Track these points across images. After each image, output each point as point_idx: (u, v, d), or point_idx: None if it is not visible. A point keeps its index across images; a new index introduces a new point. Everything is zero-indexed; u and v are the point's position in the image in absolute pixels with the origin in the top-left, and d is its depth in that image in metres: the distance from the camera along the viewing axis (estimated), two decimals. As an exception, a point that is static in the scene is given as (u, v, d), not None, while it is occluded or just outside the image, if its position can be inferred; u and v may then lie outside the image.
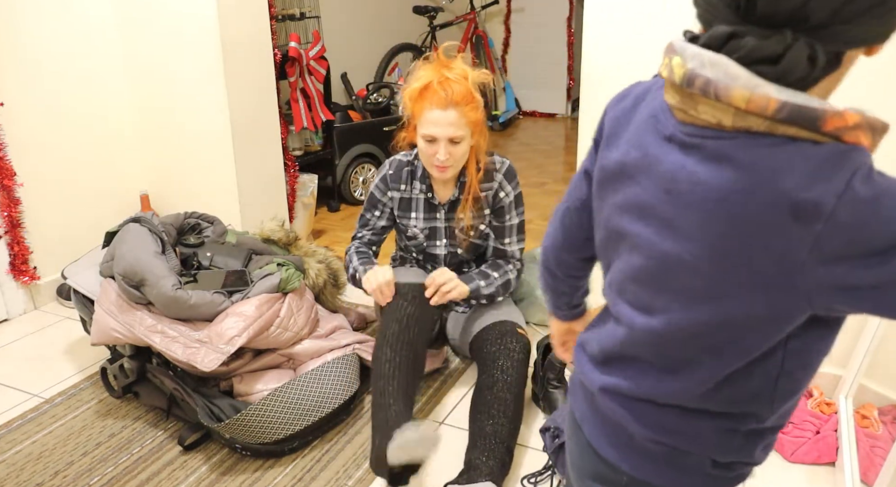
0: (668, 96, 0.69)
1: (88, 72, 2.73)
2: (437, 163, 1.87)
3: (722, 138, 0.64)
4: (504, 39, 6.07)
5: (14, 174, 2.49)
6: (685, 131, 0.67)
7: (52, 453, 1.84)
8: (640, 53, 1.97)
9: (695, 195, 0.66)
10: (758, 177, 0.62)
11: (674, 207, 0.68)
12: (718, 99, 0.62)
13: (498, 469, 1.60)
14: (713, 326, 0.70)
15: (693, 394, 0.75)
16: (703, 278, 0.68)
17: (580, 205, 0.94)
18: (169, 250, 2.00)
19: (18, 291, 2.61)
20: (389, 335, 1.81)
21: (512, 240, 2.08)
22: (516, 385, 1.76)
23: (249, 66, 2.75)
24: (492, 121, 5.67)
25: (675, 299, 0.71)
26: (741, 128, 0.63)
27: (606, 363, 0.84)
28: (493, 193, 2.02)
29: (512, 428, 1.69)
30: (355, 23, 4.70)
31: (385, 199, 2.07)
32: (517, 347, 1.84)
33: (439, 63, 1.87)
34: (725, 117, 0.63)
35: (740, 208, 0.63)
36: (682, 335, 0.72)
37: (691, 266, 0.68)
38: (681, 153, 0.67)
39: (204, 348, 1.80)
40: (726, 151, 0.64)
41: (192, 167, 2.89)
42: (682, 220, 0.68)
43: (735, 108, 0.62)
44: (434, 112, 1.82)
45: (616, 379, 0.81)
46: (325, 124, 3.63)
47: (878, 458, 1.64)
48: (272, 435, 1.75)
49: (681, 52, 0.66)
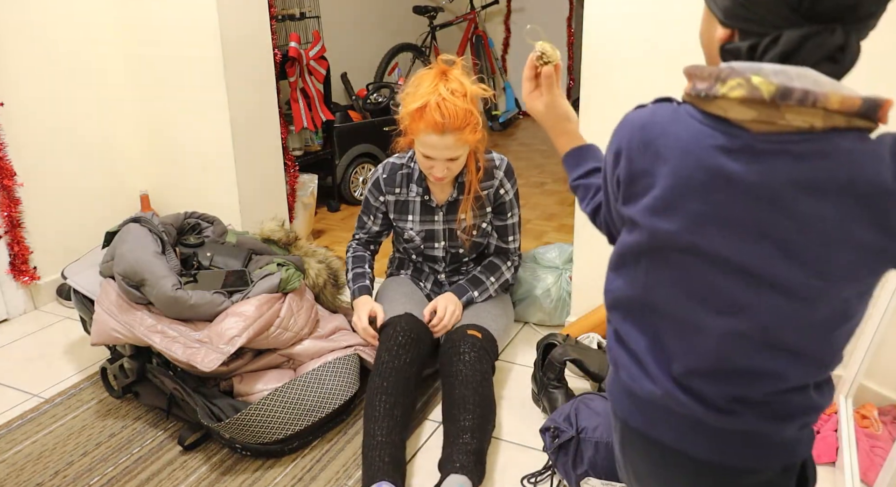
0: (737, 112, 0.74)
1: (89, 72, 2.73)
2: (434, 176, 1.88)
3: (811, 140, 0.72)
4: (504, 39, 6.06)
5: (14, 174, 2.49)
6: (767, 140, 0.73)
7: (52, 453, 1.84)
8: (640, 53, 1.97)
9: (798, 192, 0.72)
10: (857, 165, 0.71)
11: (771, 210, 0.74)
12: (815, 105, 0.70)
13: (469, 461, 1.60)
14: (830, 311, 0.77)
15: (807, 374, 0.80)
16: (814, 267, 0.74)
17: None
18: (169, 250, 2.00)
19: (18, 291, 2.61)
20: (381, 365, 1.81)
21: (515, 237, 2.11)
22: (472, 380, 1.76)
23: (249, 66, 2.75)
24: (492, 121, 5.66)
25: (785, 295, 0.76)
26: (829, 127, 0.71)
27: (710, 378, 0.82)
28: (494, 191, 2.02)
29: (478, 422, 1.69)
30: (355, 23, 4.69)
31: (378, 204, 2.07)
32: (465, 348, 1.84)
33: (439, 73, 1.82)
34: (816, 120, 0.71)
35: (850, 194, 0.71)
36: (795, 325, 0.77)
37: (800, 259, 0.74)
38: (764, 162, 0.73)
39: (204, 348, 1.80)
40: (822, 149, 0.72)
41: (192, 167, 2.89)
42: (784, 220, 0.74)
43: (825, 111, 0.70)
44: (431, 136, 1.79)
45: (736, 389, 0.81)
46: (325, 124, 3.63)
47: (878, 458, 1.64)
48: (272, 435, 1.75)
49: (757, 72, 0.71)
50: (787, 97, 0.70)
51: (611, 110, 2.05)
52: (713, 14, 0.80)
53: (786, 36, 0.71)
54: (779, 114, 0.72)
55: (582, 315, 2.30)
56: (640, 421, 0.90)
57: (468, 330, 1.90)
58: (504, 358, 2.25)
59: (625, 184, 0.84)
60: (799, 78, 0.70)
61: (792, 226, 0.74)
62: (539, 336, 2.31)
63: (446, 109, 1.76)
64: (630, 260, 0.87)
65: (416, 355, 1.86)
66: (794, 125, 0.72)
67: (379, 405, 1.72)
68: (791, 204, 0.73)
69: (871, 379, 1.87)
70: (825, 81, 0.70)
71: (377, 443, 1.65)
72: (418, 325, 1.92)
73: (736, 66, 0.73)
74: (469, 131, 1.81)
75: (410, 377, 1.81)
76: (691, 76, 0.78)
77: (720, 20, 0.79)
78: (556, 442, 1.63)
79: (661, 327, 0.85)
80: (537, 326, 2.46)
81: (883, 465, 1.50)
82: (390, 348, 1.84)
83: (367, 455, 1.64)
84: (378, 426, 1.69)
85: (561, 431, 1.63)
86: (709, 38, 0.83)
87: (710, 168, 0.75)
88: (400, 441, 1.69)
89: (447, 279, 2.16)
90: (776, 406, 0.81)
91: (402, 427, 1.73)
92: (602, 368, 1.89)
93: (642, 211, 0.82)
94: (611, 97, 2.04)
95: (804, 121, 0.71)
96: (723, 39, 0.79)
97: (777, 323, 0.77)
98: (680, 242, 0.79)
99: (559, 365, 1.90)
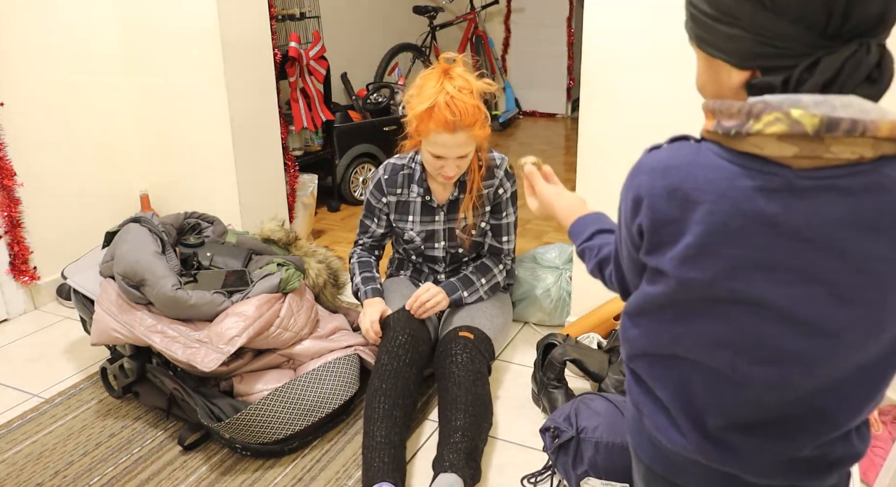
0: (775, 149, 0.68)
1: (89, 72, 2.73)
2: (444, 175, 1.89)
3: (860, 172, 0.67)
4: (504, 39, 6.06)
5: (14, 174, 2.49)
6: (810, 176, 0.68)
7: (52, 453, 1.84)
8: (640, 53, 1.97)
9: (848, 231, 0.68)
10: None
11: (821, 251, 0.69)
12: (864, 135, 0.65)
13: (459, 460, 1.60)
14: (883, 353, 0.74)
15: (859, 409, 0.77)
16: (869, 309, 0.70)
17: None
18: (169, 250, 2.00)
19: (18, 291, 2.61)
20: (380, 367, 1.82)
21: (509, 237, 2.11)
22: (465, 380, 1.77)
23: (249, 66, 2.75)
24: (492, 121, 5.66)
25: (837, 340, 0.72)
26: (878, 155, 0.67)
27: (748, 432, 0.79)
28: (494, 190, 2.03)
29: (471, 420, 1.68)
30: (355, 23, 4.70)
31: (380, 206, 2.08)
32: (457, 349, 1.84)
33: (442, 72, 1.83)
34: (866, 150, 0.66)
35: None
36: (847, 370, 0.74)
37: (854, 302, 0.70)
38: (808, 200, 0.68)
39: (204, 348, 1.80)
40: (872, 181, 0.67)
41: (192, 167, 2.89)
42: (835, 262, 0.69)
43: (874, 139, 0.65)
44: (443, 135, 1.80)
45: (767, 447, 0.78)
46: (325, 124, 3.63)
47: (878, 458, 1.64)
48: (272, 435, 1.75)
49: (796, 104, 0.66)
50: (833, 129, 0.65)
51: (611, 110, 2.06)
52: (719, 60, 0.74)
53: (825, 62, 0.65)
54: (824, 148, 0.66)
55: (582, 315, 2.30)
56: (667, 469, 0.87)
57: (460, 332, 1.91)
58: (503, 358, 2.25)
59: (648, 233, 0.78)
60: (843, 107, 0.65)
61: (844, 268, 0.69)
62: (539, 336, 2.31)
63: (456, 107, 1.77)
64: (654, 311, 0.82)
65: (416, 355, 1.86)
66: (843, 158, 0.66)
67: (378, 406, 1.73)
68: (842, 244, 0.68)
69: (871, 379, 1.87)
70: (871, 108, 0.65)
71: (377, 444, 1.65)
72: (418, 325, 1.93)
73: (770, 99, 0.67)
74: (479, 127, 1.83)
75: (410, 378, 1.81)
76: (716, 113, 0.72)
77: (735, 64, 0.72)
78: (556, 442, 1.63)
79: (692, 378, 0.80)
80: (537, 326, 2.46)
81: (883, 465, 1.50)
82: (390, 349, 1.84)
83: (367, 456, 1.64)
84: (378, 427, 1.69)
85: (561, 431, 1.63)
86: (718, 87, 0.76)
87: (748, 212, 0.70)
88: (400, 442, 1.69)
89: (446, 279, 2.16)
90: (820, 460, 0.77)
91: (403, 427, 1.73)
92: (602, 368, 1.89)
93: (672, 260, 0.76)
94: (611, 97, 2.04)
95: (853, 153, 0.66)
96: (742, 81, 0.73)
97: (826, 369, 0.73)
98: (717, 291, 0.74)
99: (559, 365, 1.90)
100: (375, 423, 1.70)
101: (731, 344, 0.76)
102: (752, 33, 0.68)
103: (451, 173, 1.88)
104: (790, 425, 0.76)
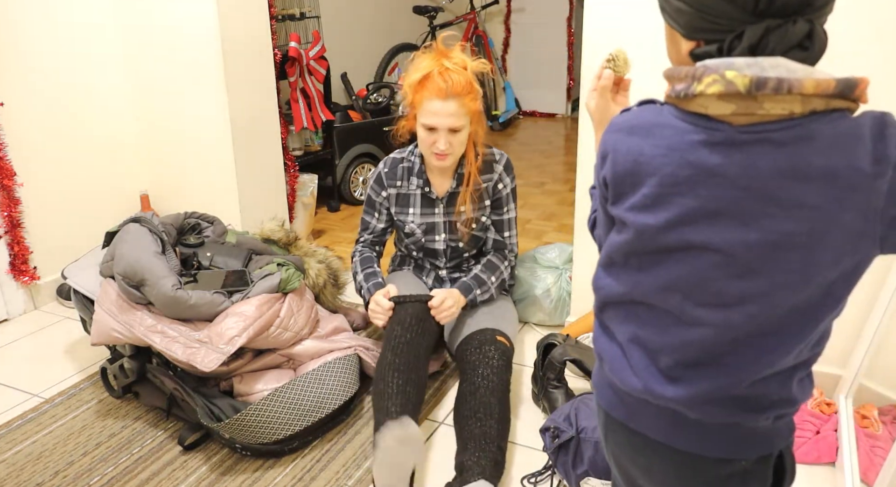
0: (717, 108, 0.76)
1: (88, 72, 2.73)
2: (437, 151, 1.90)
3: (791, 126, 0.73)
4: (504, 39, 6.07)
5: (14, 174, 2.49)
6: (747, 131, 0.75)
7: (52, 453, 1.84)
8: (640, 53, 1.96)
9: (781, 180, 0.74)
10: (840, 147, 0.72)
11: (756, 199, 0.75)
12: (790, 92, 0.71)
13: (491, 468, 1.58)
14: (815, 295, 0.78)
15: (791, 359, 0.82)
16: (800, 253, 0.75)
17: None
18: (169, 250, 2.00)
19: (18, 291, 2.61)
20: (393, 338, 1.82)
21: (512, 232, 2.14)
22: (499, 389, 1.76)
23: (249, 66, 2.75)
24: (492, 121, 5.67)
25: (771, 283, 0.78)
26: (808, 111, 0.73)
27: (693, 370, 0.84)
28: (493, 185, 2.05)
29: (500, 429, 1.67)
30: (355, 23, 4.70)
31: (381, 199, 2.09)
32: (496, 354, 1.83)
33: (439, 53, 1.89)
34: (795, 106, 0.73)
35: (832, 178, 0.72)
36: (781, 311, 0.79)
37: (787, 246, 0.76)
38: (746, 151, 0.75)
39: (204, 348, 1.80)
40: (802, 134, 0.73)
41: (192, 167, 2.89)
42: (769, 208, 0.75)
43: (802, 96, 0.72)
44: (434, 102, 1.84)
45: (709, 384, 0.83)
46: (325, 124, 3.63)
47: (878, 458, 1.64)
48: (272, 435, 1.75)
49: (730, 66, 0.73)
50: (762, 87, 0.71)
51: (611, 110, 2.06)
52: (675, 31, 0.84)
53: (748, 31, 0.73)
54: (757, 105, 0.73)
55: (582, 315, 2.30)
56: (622, 413, 0.93)
57: (498, 336, 1.90)
58: (504, 358, 2.25)
59: (612, 185, 0.87)
60: (772, 67, 0.72)
61: (777, 214, 0.75)
62: (539, 336, 2.31)
63: (449, 77, 1.83)
64: (619, 260, 0.89)
65: (429, 326, 1.88)
66: (774, 113, 0.73)
67: (392, 381, 1.71)
68: (776, 192, 0.74)
69: (871, 379, 1.87)
70: (798, 68, 0.72)
71: (393, 413, 1.63)
72: (427, 307, 1.95)
73: (709, 63, 0.75)
74: (470, 99, 1.87)
75: (421, 352, 1.81)
76: (670, 78, 0.81)
77: (683, 35, 0.82)
78: (556, 442, 1.63)
79: (648, 322, 0.87)
80: (537, 326, 2.46)
81: (883, 465, 1.50)
82: (403, 319, 1.86)
83: (381, 419, 1.63)
84: (392, 403, 1.66)
85: (561, 431, 1.63)
86: (676, 54, 0.86)
87: (694, 163, 0.77)
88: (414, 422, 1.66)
89: (448, 275, 2.17)
90: (754, 398, 0.83)
91: (415, 406, 1.71)
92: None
93: (629, 209, 0.84)
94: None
95: (783, 109, 0.73)
96: (689, 51, 0.82)
97: (765, 310, 0.79)
98: (668, 238, 0.81)
99: (559, 365, 1.90)
100: (390, 399, 1.67)
101: (680, 288, 0.82)
102: (694, 8, 0.77)
103: (442, 147, 1.88)
104: (730, 363, 0.82)
